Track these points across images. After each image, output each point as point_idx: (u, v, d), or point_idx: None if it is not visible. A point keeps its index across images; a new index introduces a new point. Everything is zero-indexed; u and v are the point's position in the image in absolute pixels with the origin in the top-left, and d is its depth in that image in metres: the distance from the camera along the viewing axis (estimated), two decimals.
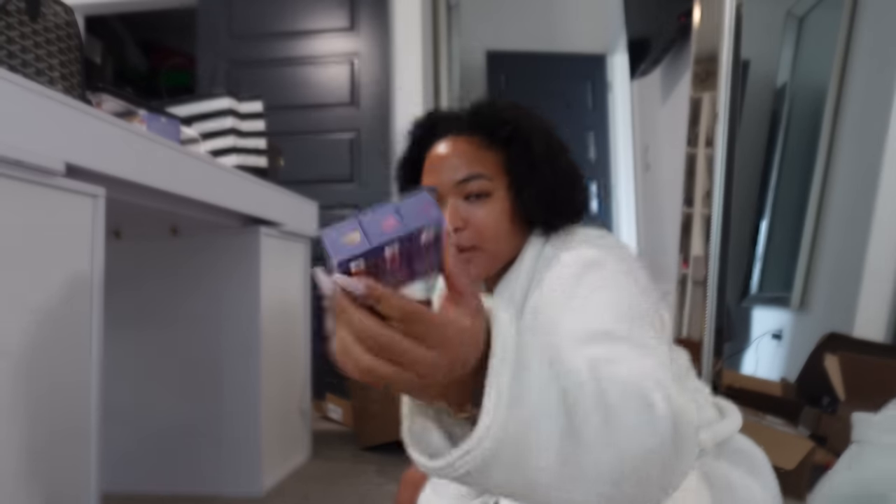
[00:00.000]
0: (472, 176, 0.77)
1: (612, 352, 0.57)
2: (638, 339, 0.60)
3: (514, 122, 0.77)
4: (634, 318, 0.63)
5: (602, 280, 0.67)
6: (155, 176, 1.29)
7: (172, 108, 1.74)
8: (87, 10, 3.57)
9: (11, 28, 1.09)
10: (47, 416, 1.00)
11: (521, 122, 0.78)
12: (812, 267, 2.42)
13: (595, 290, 0.65)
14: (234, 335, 1.78)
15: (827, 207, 2.36)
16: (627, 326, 0.61)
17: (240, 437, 1.76)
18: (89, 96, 1.37)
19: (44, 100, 0.99)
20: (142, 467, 1.80)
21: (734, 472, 0.76)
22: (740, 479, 0.76)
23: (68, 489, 1.04)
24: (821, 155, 2.38)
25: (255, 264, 1.78)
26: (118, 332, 1.80)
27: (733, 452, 0.80)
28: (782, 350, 2.56)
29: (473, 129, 0.79)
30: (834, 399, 1.74)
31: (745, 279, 2.82)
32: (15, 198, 0.94)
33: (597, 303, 0.64)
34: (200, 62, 3.17)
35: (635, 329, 0.61)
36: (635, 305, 0.64)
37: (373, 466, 2.01)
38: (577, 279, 0.67)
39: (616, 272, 0.68)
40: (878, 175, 1.93)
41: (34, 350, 0.98)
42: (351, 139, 3.13)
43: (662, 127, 3.04)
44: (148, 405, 1.81)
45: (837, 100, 2.32)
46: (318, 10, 3.18)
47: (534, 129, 0.78)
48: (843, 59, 2.29)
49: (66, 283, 1.05)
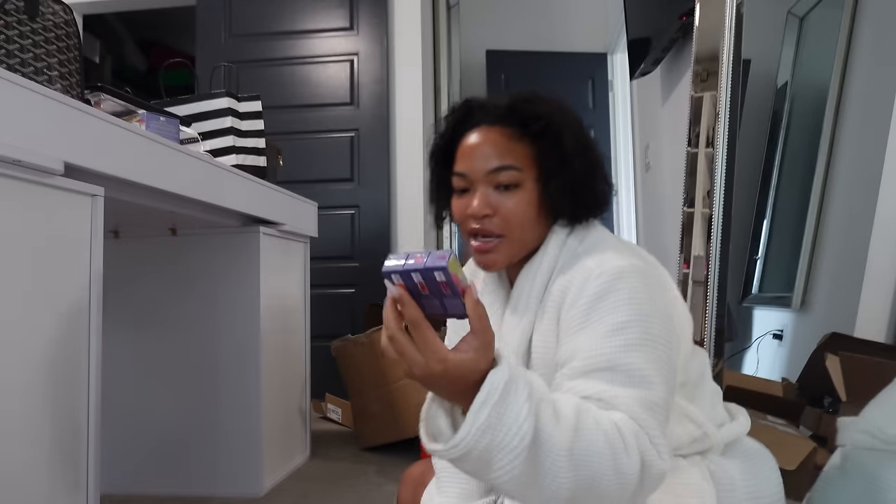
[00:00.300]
0: (504, 167, 0.79)
1: (606, 391, 0.66)
2: (638, 375, 0.66)
3: (548, 117, 0.80)
4: (640, 346, 0.68)
5: (617, 303, 0.70)
6: (154, 175, 1.28)
7: (171, 108, 1.73)
8: (86, 8, 3.57)
9: (10, 27, 1.09)
10: (46, 418, 1.00)
11: (553, 116, 0.80)
12: (813, 267, 2.41)
13: (609, 314, 0.70)
14: (234, 335, 1.78)
15: (828, 207, 2.36)
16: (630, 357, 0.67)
17: (240, 437, 1.76)
18: (88, 95, 1.37)
19: (42, 99, 0.98)
20: (141, 468, 1.80)
21: (739, 473, 0.77)
22: (745, 479, 0.77)
23: (68, 490, 1.04)
24: (822, 154, 2.37)
25: (254, 264, 1.78)
26: (117, 331, 1.80)
27: (740, 453, 0.81)
28: (783, 350, 2.56)
29: (507, 121, 0.81)
30: (835, 399, 1.74)
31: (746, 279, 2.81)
32: (14, 197, 0.94)
33: (607, 328, 0.69)
34: (199, 61, 3.17)
35: (637, 357, 0.67)
36: (645, 329, 0.69)
37: (373, 467, 2.01)
38: (598, 298, 0.71)
39: (633, 294, 0.71)
40: (879, 175, 1.92)
41: (33, 350, 0.98)
42: (351, 139, 3.13)
43: (663, 126, 3.04)
44: (147, 405, 1.81)
45: (838, 99, 2.31)
46: (317, 10, 3.18)
47: (565, 124, 0.81)
48: (844, 58, 2.28)
49: (65, 282, 1.05)
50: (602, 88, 4.32)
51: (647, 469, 0.62)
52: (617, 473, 0.61)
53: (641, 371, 0.67)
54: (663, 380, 0.68)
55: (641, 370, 0.67)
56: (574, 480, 0.60)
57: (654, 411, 0.66)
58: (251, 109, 1.94)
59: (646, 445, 0.63)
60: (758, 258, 2.80)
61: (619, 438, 0.62)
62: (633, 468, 0.61)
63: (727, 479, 0.76)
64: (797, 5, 2.65)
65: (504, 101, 0.82)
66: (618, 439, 0.62)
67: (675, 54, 2.64)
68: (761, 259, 2.80)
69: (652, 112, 3.35)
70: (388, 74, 3.13)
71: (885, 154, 1.90)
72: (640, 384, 0.66)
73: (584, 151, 0.81)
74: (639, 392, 0.66)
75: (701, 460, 0.78)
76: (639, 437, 0.63)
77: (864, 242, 1.96)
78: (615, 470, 0.61)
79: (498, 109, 0.81)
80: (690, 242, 1.85)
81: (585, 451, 0.60)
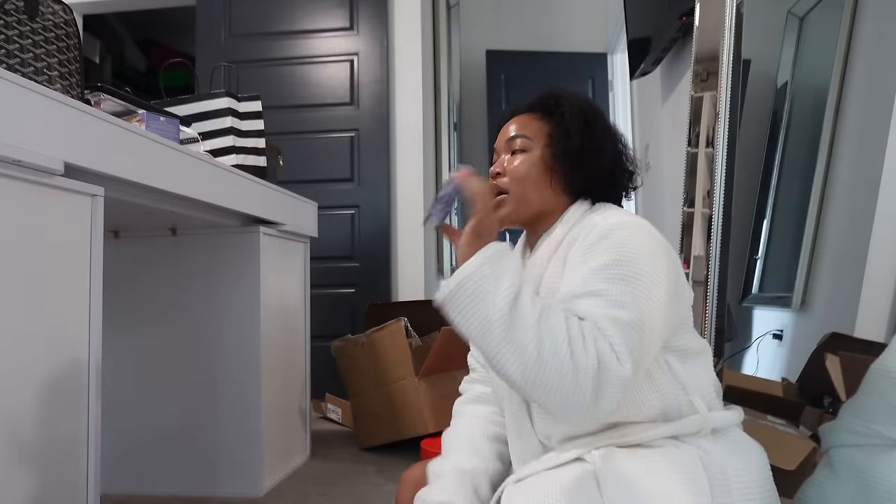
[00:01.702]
0: (517, 136, 0.96)
1: (581, 309, 0.75)
2: (614, 300, 0.74)
3: (558, 98, 0.96)
4: (623, 279, 0.76)
5: (610, 246, 0.79)
6: (154, 175, 1.28)
7: (171, 108, 1.73)
8: (86, 8, 3.57)
9: (10, 27, 1.09)
10: (46, 417, 1.00)
11: (563, 99, 0.96)
12: (813, 267, 2.41)
13: (602, 254, 0.79)
14: (234, 335, 1.78)
15: (828, 207, 2.36)
16: (611, 286, 0.76)
17: (240, 437, 1.76)
18: (88, 95, 1.37)
19: (42, 99, 0.98)
20: (141, 468, 1.80)
21: (730, 463, 0.78)
22: (735, 470, 0.77)
23: (67, 490, 1.04)
24: (822, 154, 2.37)
25: (254, 264, 1.78)
26: (117, 331, 1.80)
27: (730, 442, 0.82)
28: (783, 350, 2.56)
29: (531, 108, 0.98)
30: (835, 399, 1.74)
31: (746, 279, 2.81)
32: (14, 197, 0.94)
33: (597, 264, 0.78)
34: (199, 61, 3.17)
35: (617, 287, 0.75)
36: (631, 268, 0.77)
37: (372, 467, 2.01)
38: (596, 242, 0.81)
39: (626, 239, 0.79)
40: (879, 175, 1.92)
41: (32, 350, 0.98)
42: (351, 139, 3.13)
43: (663, 126, 3.04)
44: (147, 405, 1.81)
45: (839, 99, 2.31)
46: (317, 10, 3.18)
47: (573, 104, 0.95)
48: (844, 58, 2.28)
49: (65, 282, 1.05)
50: (602, 88, 4.31)
51: (604, 369, 0.69)
52: (573, 359, 0.69)
53: (618, 298, 0.75)
54: (639, 309, 0.74)
55: (618, 297, 0.75)
56: (538, 346, 0.70)
57: (621, 327, 0.72)
58: (251, 109, 1.94)
59: (603, 347, 0.71)
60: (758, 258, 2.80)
61: (578, 331, 0.71)
62: (588, 360, 0.69)
63: (718, 469, 0.76)
64: (797, 5, 2.65)
65: (535, 95, 0.99)
66: (577, 331, 0.71)
67: (675, 54, 2.64)
68: (761, 259, 2.80)
69: (652, 112, 3.35)
70: (388, 74, 3.13)
71: (885, 154, 1.91)
72: (613, 306, 0.74)
73: (587, 129, 0.93)
74: (609, 311, 0.74)
75: (691, 448, 0.79)
76: (597, 339, 0.71)
77: (864, 242, 1.96)
78: (571, 355, 0.69)
79: (527, 101, 0.99)
80: (690, 242, 1.85)
81: (549, 327, 0.71)
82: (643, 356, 0.74)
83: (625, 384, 0.70)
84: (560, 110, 0.95)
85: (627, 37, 2.98)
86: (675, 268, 0.84)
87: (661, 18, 2.53)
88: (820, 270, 2.38)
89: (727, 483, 0.76)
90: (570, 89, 0.99)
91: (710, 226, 1.80)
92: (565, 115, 0.94)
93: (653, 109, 3.30)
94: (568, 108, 0.94)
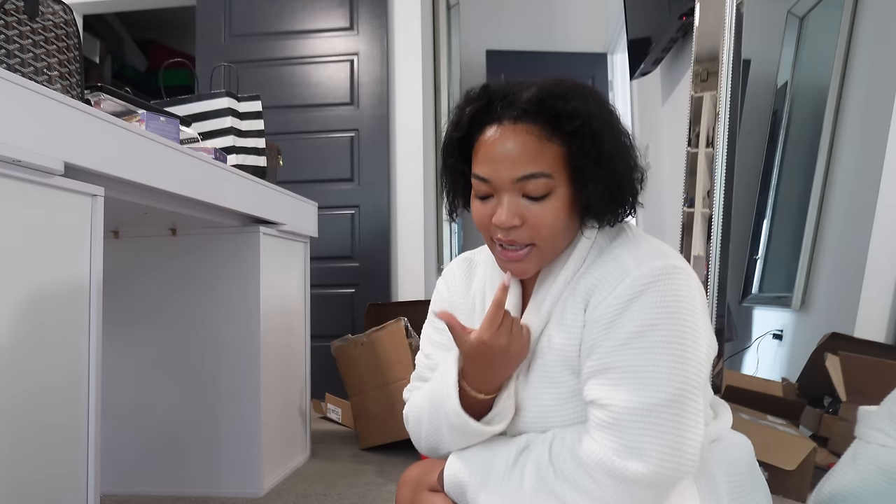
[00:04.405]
0: (533, 174, 0.72)
1: (605, 397, 0.70)
2: (645, 377, 0.68)
3: (584, 115, 0.71)
4: (659, 349, 0.69)
5: (646, 305, 0.70)
6: (154, 175, 1.28)
7: (171, 108, 1.73)
8: (86, 8, 3.57)
9: (10, 27, 1.08)
10: (45, 417, 1.00)
11: (590, 113, 0.72)
12: (813, 267, 2.41)
13: (637, 315, 0.70)
14: (234, 335, 1.78)
15: (828, 207, 2.35)
16: (644, 361, 0.68)
17: (240, 437, 1.76)
18: (88, 95, 1.37)
19: (42, 99, 0.98)
20: (141, 468, 1.80)
21: (719, 471, 0.77)
22: (725, 477, 0.76)
23: (67, 491, 1.04)
24: (822, 154, 2.37)
25: (254, 264, 1.78)
26: (117, 332, 1.80)
27: (722, 451, 0.80)
28: (783, 350, 2.56)
29: (536, 118, 0.72)
30: (835, 399, 1.74)
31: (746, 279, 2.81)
32: (13, 197, 0.94)
33: (632, 329, 0.69)
34: (199, 61, 3.17)
35: (651, 363, 0.68)
36: (669, 332, 0.69)
37: (372, 467, 2.01)
38: (631, 299, 0.71)
39: (665, 296, 0.70)
40: (879, 174, 1.92)
41: (32, 350, 0.98)
42: (351, 139, 3.13)
43: (663, 126, 3.04)
44: (147, 405, 1.81)
45: (839, 99, 2.31)
46: (317, 10, 3.18)
47: (604, 124, 0.73)
48: (844, 58, 2.28)
49: (65, 282, 1.05)
50: (602, 88, 4.31)
51: (621, 480, 0.67)
52: (592, 497, 0.68)
53: (651, 374, 0.68)
54: (677, 381, 0.68)
55: (651, 373, 0.68)
56: None
57: (647, 417, 0.67)
58: (251, 109, 1.94)
59: (611, 463, 0.67)
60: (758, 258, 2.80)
61: (575, 467, 0.69)
62: (599, 489, 0.67)
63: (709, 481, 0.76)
64: (797, 5, 2.65)
65: (531, 91, 0.72)
66: (573, 467, 0.70)
67: (675, 54, 2.64)
68: (761, 259, 2.80)
69: (652, 112, 3.35)
70: (388, 74, 3.13)
71: (885, 154, 1.91)
72: (644, 388, 0.67)
73: (622, 151, 0.75)
74: (637, 398, 0.67)
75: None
76: (601, 460, 0.68)
77: (864, 242, 1.97)
78: (590, 495, 0.68)
79: (525, 104, 0.72)
80: (690, 242, 1.85)
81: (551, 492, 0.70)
82: (683, 433, 0.67)
83: (659, 476, 0.66)
84: (587, 131, 0.71)
85: (627, 37, 2.98)
86: (704, 313, 0.74)
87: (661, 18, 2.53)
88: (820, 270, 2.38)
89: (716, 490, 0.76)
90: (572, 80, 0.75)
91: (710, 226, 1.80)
92: (599, 138, 0.72)
93: (653, 109, 3.30)
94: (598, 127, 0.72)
